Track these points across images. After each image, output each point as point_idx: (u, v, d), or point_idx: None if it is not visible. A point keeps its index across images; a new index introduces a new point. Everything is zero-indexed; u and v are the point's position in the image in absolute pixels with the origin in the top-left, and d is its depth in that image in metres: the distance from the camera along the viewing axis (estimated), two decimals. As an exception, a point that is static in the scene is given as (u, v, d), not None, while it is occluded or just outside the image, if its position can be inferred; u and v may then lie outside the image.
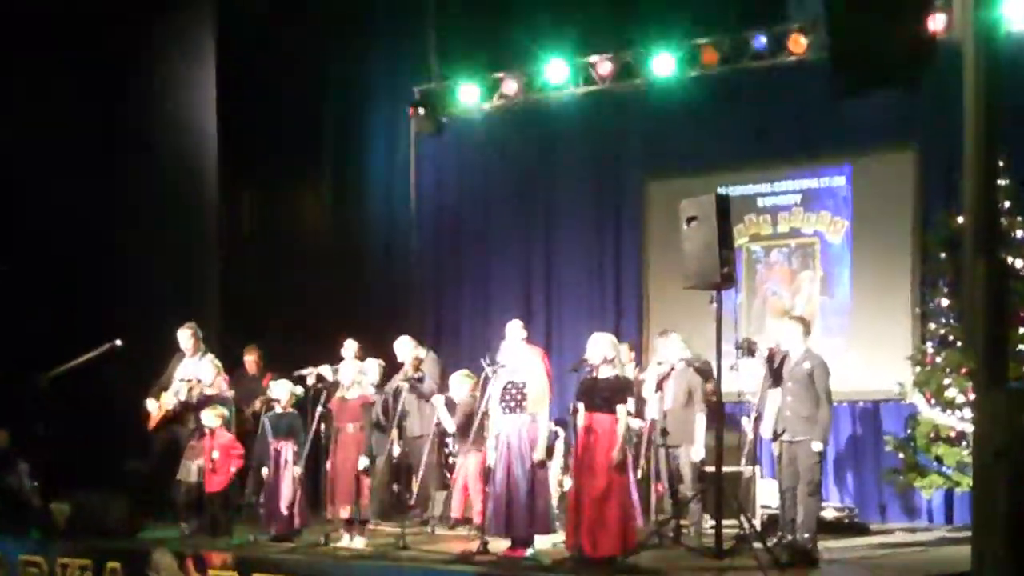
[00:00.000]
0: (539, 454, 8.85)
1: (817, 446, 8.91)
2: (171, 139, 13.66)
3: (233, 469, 10.48)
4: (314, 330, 13.98)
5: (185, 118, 13.94)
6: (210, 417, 10.46)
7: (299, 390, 10.53)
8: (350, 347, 11.68)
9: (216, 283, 14.05)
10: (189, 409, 10.84)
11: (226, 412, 10.71)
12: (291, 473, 10.09)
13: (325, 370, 10.69)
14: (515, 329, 11.43)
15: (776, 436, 9.11)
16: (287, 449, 10.19)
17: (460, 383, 10.94)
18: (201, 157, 14.09)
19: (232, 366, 12.31)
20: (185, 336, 11.22)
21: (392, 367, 11.40)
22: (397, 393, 10.71)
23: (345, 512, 9.81)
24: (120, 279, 12.84)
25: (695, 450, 9.75)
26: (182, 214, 13.62)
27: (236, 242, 15.09)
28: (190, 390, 10.84)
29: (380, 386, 10.89)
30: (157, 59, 13.63)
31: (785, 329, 9.30)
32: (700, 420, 9.80)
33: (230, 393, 11.05)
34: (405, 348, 11.54)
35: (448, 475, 11.25)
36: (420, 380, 11.10)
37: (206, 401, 10.70)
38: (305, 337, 13.86)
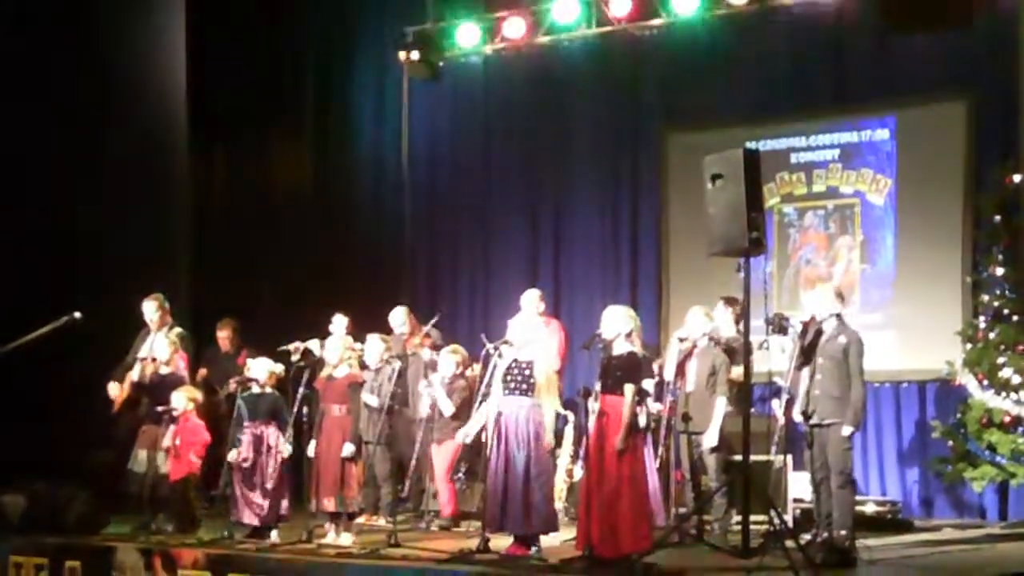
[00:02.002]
0: (548, 437, 8.88)
1: (847, 430, 8.96)
2: (134, 83, 13.58)
3: (193, 457, 10.46)
4: (296, 300, 14.03)
5: (150, 58, 13.87)
6: (181, 399, 10.45)
7: (279, 368, 10.51)
8: (339, 322, 11.72)
9: (187, 248, 14.05)
10: (143, 391, 10.81)
11: (198, 394, 10.72)
12: (277, 459, 10.09)
13: (313, 345, 10.64)
14: (531, 300, 11.46)
15: (807, 418, 9.16)
16: (269, 433, 10.18)
17: (446, 360, 10.94)
18: (168, 105, 14.04)
19: (205, 342, 12.34)
20: (151, 308, 11.21)
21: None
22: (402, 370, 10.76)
23: (330, 504, 9.86)
24: (77, 243, 12.81)
25: (708, 436, 9.77)
26: (147, 169, 13.57)
27: (209, 202, 15.09)
28: (143, 369, 10.82)
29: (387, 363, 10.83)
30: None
31: (817, 296, 9.35)
32: (719, 404, 9.81)
33: (185, 372, 11.00)
34: (401, 319, 11.65)
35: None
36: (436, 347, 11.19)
37: (160, 382, 10.70)
38: (286, 308, 13.90)
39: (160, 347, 10.83)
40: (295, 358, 10.51)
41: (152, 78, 13.86)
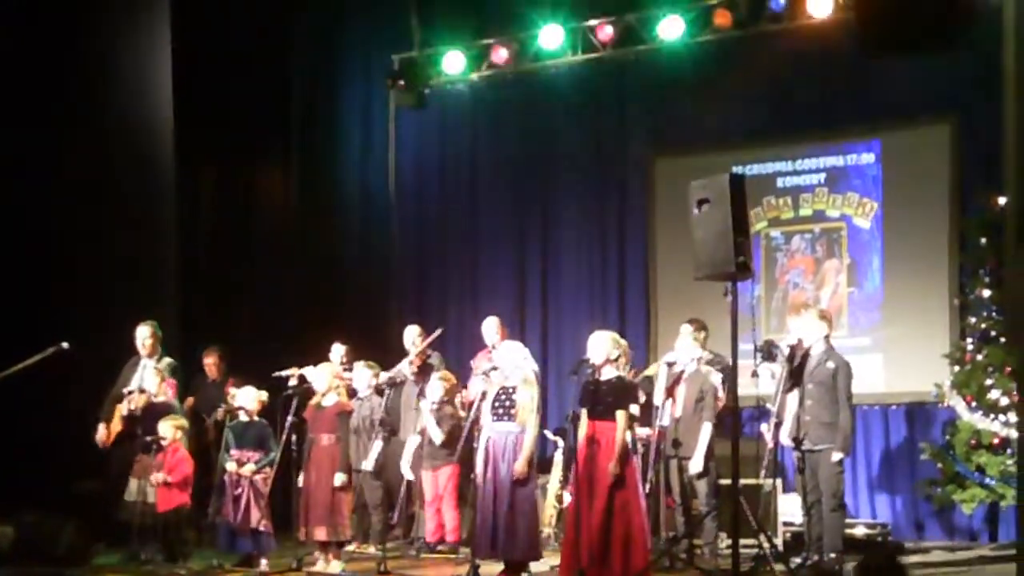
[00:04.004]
0: (520, 467, 8.84)
1: (838, 456, 9.03)
2: (119, 111, 13.53)
3: (182, 488, 10.45)
4: (283, 327, 14.01)
5: (135, 87, 13.83)
6: (166, 428, 10.45)
7: (264, 395, 10.50)
8: (337, 352, 11.70)
9: (174, 276, 14.02)
10: (135, 422, 10.81)
11: (184, 423, 10.71)
12: (254, 487, 10.08)
13: (310, 372, 10.66)
14: (491, 327, 11.52)
15: (798, 443, 9.20)
16: (253, 461, 10.17)
17: (434, 387, 10.97)
18: (155, 132, 14.02)
19: (192, 371, 12.33)
20: (145, 334, 11.17)
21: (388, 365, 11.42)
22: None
23: (321, 533, 9.86)
24: (63, 272, 12.78)
25: (694, 462, 9.80)
26: (133, 196, 13.53)
27: (195, 229, 15.07)
28: (133, 400, 10.81)
29: (380, 392, 10.78)
30: (102, 10, 13.43)
31: (804, 322, 9.39)
32: (705, 430, 9.83)
33: (175, 401, 11.00)
34: (414, 333, 11.69)
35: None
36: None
37: (152, 410, 10.71)
38: (272, 335, 13.89)
39: (148, 377, 10.85)
40: (293, 383, 10.50)
41: (138, 107, 13.83)
